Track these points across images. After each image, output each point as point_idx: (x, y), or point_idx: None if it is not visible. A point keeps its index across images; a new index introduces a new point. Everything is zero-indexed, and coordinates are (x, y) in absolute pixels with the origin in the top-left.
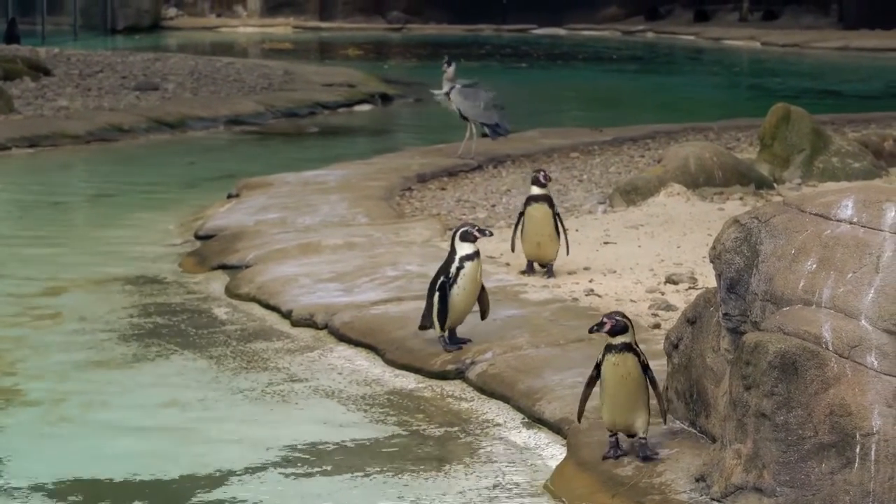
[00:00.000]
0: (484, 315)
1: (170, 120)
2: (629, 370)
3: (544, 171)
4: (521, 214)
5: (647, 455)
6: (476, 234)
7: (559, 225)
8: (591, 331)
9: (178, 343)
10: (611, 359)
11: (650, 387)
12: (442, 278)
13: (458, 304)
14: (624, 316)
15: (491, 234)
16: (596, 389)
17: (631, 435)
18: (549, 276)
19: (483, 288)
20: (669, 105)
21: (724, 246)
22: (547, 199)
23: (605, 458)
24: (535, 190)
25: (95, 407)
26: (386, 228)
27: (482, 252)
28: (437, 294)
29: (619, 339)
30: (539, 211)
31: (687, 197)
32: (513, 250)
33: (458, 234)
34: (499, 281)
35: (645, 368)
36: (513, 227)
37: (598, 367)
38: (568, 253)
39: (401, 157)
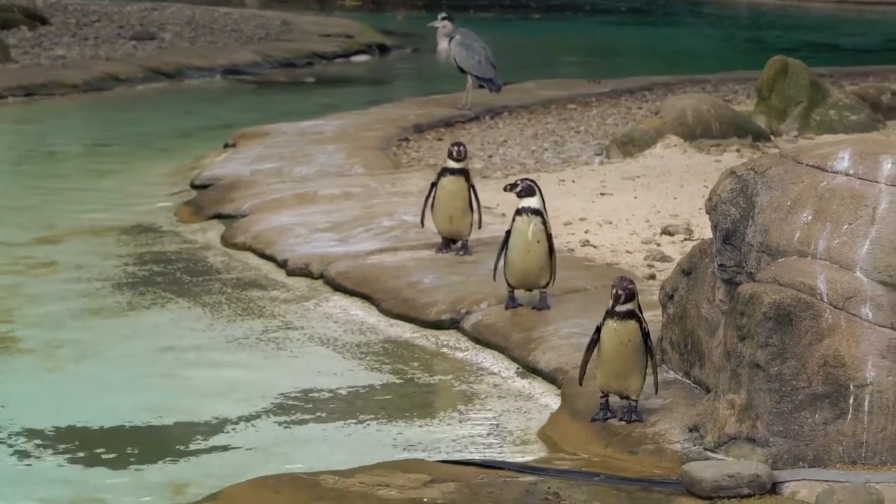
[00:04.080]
0: (548, 283)
1: (166, 69)
2: (630, 336)
3: (461, 146)
4: (434, 185)
5: (632, 419)
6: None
7: (474, 199)
8: (613, 308)
9: (174, 291)
10: (611, 324)
11: (647, 355)
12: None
13: (511, 259)
14: (632, 282)
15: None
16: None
17: (624, 397)
18: (464, 254)
19: (552, 253)
20: (667, 57)
21: (721, 197)
22: (463, 173)
23: (593, 419)
24: (451, 163)
25: (90, 355)
26: (382, 178)
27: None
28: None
29: (624, 307)
30: (454, 184)
31: (684, 149)
32: (422, 225)
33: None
34: (494, 231)
35: (645, 336)
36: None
37: (598, 330)
38: (480, 227)
39: (398, 107)
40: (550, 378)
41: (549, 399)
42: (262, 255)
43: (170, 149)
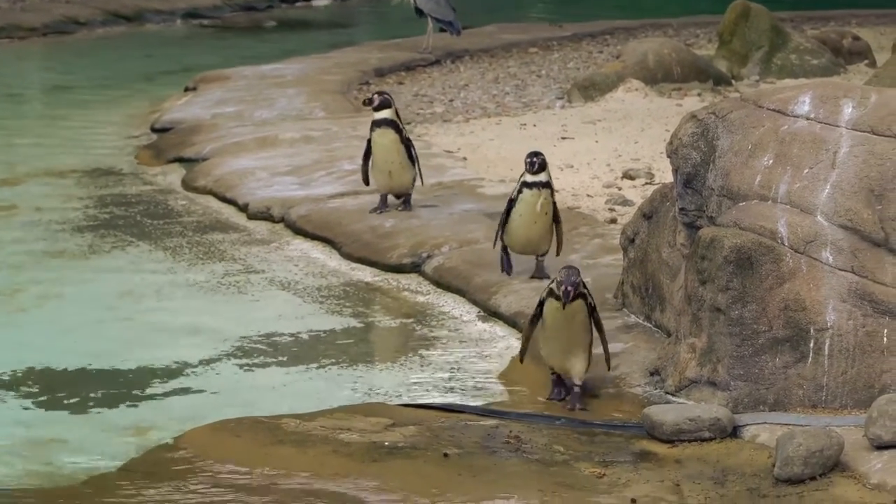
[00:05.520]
0: (557, 251)
1: (126, 13)
2: (574, 312)
3: (383, 94)
4: (369, 141)
5: (575, 406)
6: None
7: (411, 151)
8: (563, 306)
9: (134, 234)
10: (554, 303)
11: (595, 330)
12: (511, 196)
13: (513, 227)
14: (578, 274)
15: None
16: None
17: (568, 378)
18: (406, 208)
19: (558, 223)
20: (629, 1)
21: (682, 141)
22: (391, 125)
23: (549, 399)
24: (375, 115)
25: (51, 298)
26: (343, 122)
27: (436, 146)
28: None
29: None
30: (385, 137)
31: (645, 93)
32: (365, 183)
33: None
34: (455, 175)
35: (591, 311)
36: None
37: (540, 304)
38: (422, 183)
39: (358, 51)
40: (511, 322)
41: (510, 343)
42: (223, 199)
43: (130, 92)
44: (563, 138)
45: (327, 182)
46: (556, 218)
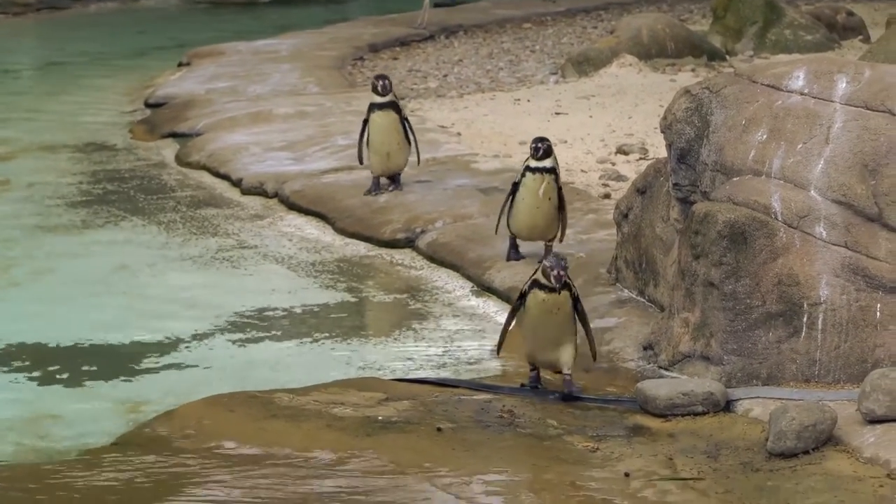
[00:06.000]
0: (560, 237)
1: None
2: (559, 303)
3: (385, 79)
4: (365, 122)
5: (570, 393)
6: None
7: (408, 131)
8: (558, 291)
9: (128, 209)
10: (539, 294)
11: (579, 321)
12: (515, 180)
13: (517, 212)
14: (566, 262)
15: None
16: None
17: (556, 371)
18: (396, 188)
19: (562, 208)
20: None
21: (675, 116)
22: (392, 106)
23: (521, 385)
24: (377, 98)
25: (44, 273)
26: (337, 98)
27: (430, 122)
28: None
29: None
30: (385, 118)
31: (639, 68)
32: (360, 162)
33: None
34: (449, 150)
35: (576, 302)
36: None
37: (522, 296)
38: (419, 163)
39: (353, 26)
40: (505, 297)
41: (504, 317)
42: (217, 174)
43: (124, 68)
44: (557, 113)
45: (321, 157)
46: (560, 204)
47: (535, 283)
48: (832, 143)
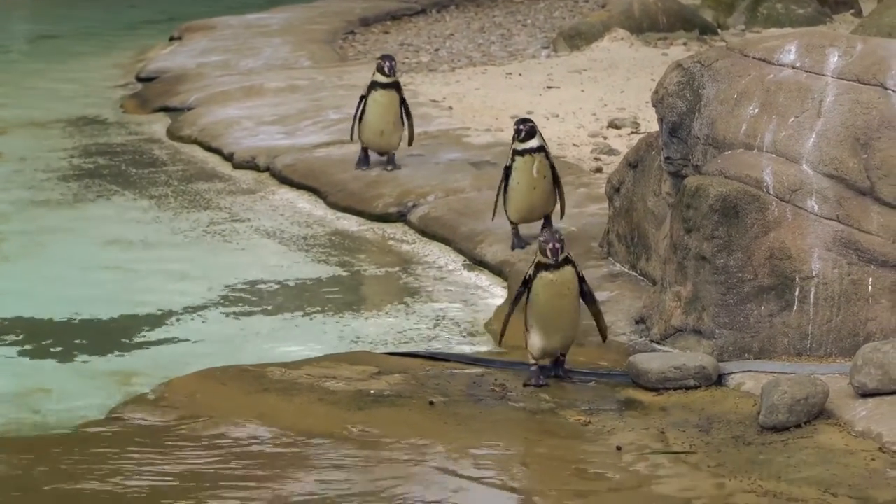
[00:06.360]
0: (561, 214)
1: None
2: (566, 282)
3: (391, 60)
4: (363, 99)
5: (568, 376)
6: None
7: (405, 112)
8: (557, 263)
9: (119, 183)
10: (546, 276)
11: (585, 302)
12: (506, 164)
13: (513, 197)
14: (561, 237)
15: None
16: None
17: (562, 355)
18: (391, 168)
19: (559, 184)
20: None
21: (667, 90)
22: (395, 87)
23: (525, 385)
24: (381, 78)
25: (35, 247)
26: (329, 72)
27: (422, 96)
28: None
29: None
30: (386, 97)
31: (631, 42)
32: (351, 138)
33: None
34: (441, 124)
35: (581, 280)
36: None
37: (526, 283)
38: (411, 143)
39: (344, 0)
40: (497, 271)
41: (496, 291)
42: (209, 148)
43: (115, 42)
44: (549, 87)
45: (313, 131)
46: (556, 180)
47: (539, 266)
48: (824, 116)
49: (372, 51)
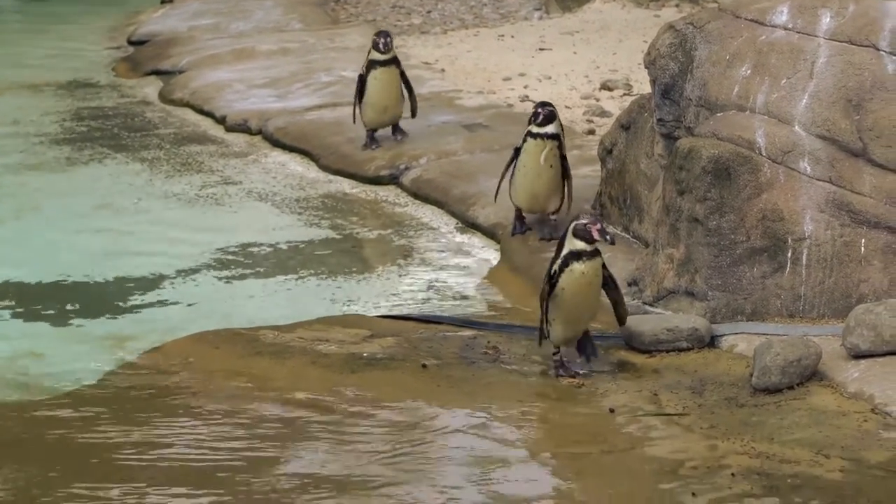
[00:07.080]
0: (568, 208)
1: None
2: (596, 270)
3: (387, 37)
4: (362, 78)
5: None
6: None
7: (407, 86)
8: (611, 241)
9: (112, 146)
10: (577, 268)
11: (606, 290)
12: (517, 146)
13: (517, 179)
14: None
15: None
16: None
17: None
18: (401, 137)
19: (568, 178)
20: None
21: (659, 52)
22: (394, 62)
23: (559, 377)
24: (379, 55)
25: (28, 210)
26: (320, 34)
27: (414, 58)
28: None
29: (586, 245)
30: (386, 74)
31: (623, 3)
32: (354, 121)
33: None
34: (433, 87)
35: (603, 266)
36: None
37: (551, 280)
38: (414, 115)
39: None
40: (490, 233)
41: (489, 254)
42: (200, 111)
43: (107, 5)
44: (541, 49)
45: (304, 94)
46: (565, 173)
47: (571, 256)
48: (816, 78)
49: (364, 13)
